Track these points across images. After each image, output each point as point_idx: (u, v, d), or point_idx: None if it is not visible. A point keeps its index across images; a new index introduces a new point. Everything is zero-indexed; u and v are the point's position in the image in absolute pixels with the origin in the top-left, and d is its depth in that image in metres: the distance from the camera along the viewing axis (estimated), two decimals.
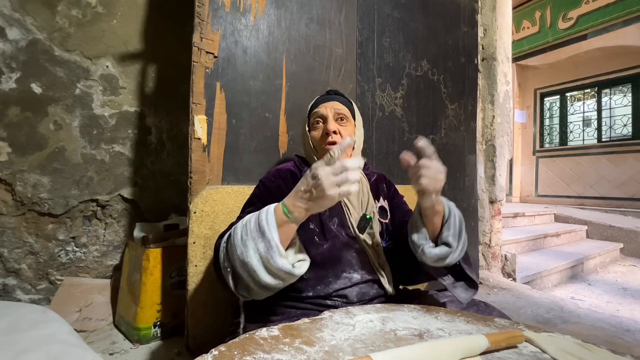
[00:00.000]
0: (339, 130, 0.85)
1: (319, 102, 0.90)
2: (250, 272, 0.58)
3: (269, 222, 0.59)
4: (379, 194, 0.94)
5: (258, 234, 0.58)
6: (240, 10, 1.22)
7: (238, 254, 0.58)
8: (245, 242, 0.59)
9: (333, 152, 0.58)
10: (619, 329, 1.53)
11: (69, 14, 1.52)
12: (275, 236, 0.58)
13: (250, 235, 0.59)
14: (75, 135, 1.53)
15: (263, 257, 0.57)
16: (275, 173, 0.88)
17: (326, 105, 0.88)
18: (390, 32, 1.65)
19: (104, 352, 1.20)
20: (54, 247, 1.50)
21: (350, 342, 0.51)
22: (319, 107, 0.88)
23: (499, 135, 2.33)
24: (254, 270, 0.57)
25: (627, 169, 4.58)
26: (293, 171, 0.89)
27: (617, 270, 3.19)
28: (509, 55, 2.42)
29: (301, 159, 0.95)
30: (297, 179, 0.84)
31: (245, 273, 0.58)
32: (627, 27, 4.31)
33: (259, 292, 0.61)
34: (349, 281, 0.77)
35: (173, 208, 1.75)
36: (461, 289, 0.76)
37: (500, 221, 2.35)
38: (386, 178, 1.01)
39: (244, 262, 0.58)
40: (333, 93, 0.93)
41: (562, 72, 5.35)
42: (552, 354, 0.49)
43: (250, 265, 0.57)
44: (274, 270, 0.57)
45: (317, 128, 0.88)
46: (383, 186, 0.97)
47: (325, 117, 0.86)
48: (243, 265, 0.58)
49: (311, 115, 0.90)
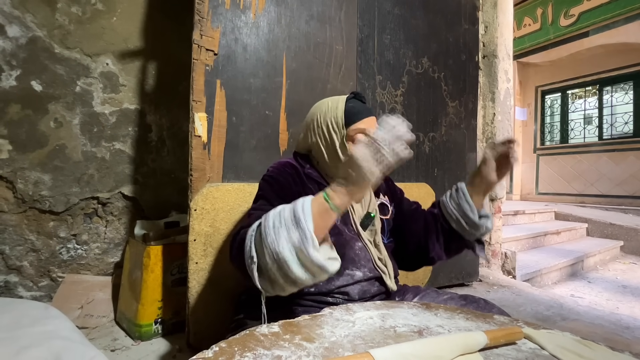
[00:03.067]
0: None
1: (363, 115, 0.81)
2: (281, 263, 0.55)
3: (304, 210, 0.56)
4: (379, 190, 0.94)
5: (292, 223, 0.55)
6: (240, 8, 1.22)
7: (269, 242, 0.55)
8: (277, 230, 0.56)
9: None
10: (619, 327, 1.54)
11: (68, 11, 1.51)
12: (311, 226, 0.55)
13: (284, 224, 0.56)
14: (75, 132, 1.53)
15: (296, 247, 0.54)
16: (277, 165, 0.85)
17: (370, 123, 0.80)
18: (390, 29, 1.65)
19: (106, 348, 1.21)
20: (55, 245, 1.50)
21: (350, 338, 0.52)
22: (364, 123, 0.80)
23: (500, 132, 2.32)
24: (286, 261, 0.54)
25: (627, 167, 4.57)
26: (294, 165, 0.85)
27: (617, 268, 3.19)
28: (510, 52, 2.41)
29: (301, 156, 0.90)
30: (300, 174, 0.83)
31: (275, 264, 0.55)
32: (629, 24, 4.29)
33: (283, 287, 0.58)
34: (351, 278, 0.77)
35: (173, 205, 1.75)
36: (482, 251, 0.89)
37: (500, 219, 2.36)
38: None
39: (274, 252, 0.55)
40: (362, 98, 0.85)
41: (563, 70, 5.33)
42: (551, 351, 0.49)
43: (282, 255, 0.54)
44: (307, 263, 0.54)
45: None
46: (382, 182, 0.97)
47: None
48: (273, 255, 0.55)
49: (352, 128, 0.79)
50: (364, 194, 0.60)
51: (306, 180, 0.83)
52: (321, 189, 0.82)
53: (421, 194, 1.65)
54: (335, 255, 0.60)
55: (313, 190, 0.82)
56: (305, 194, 0.81)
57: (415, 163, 1.74)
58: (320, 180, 0.84)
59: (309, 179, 0.84)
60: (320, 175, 0.86)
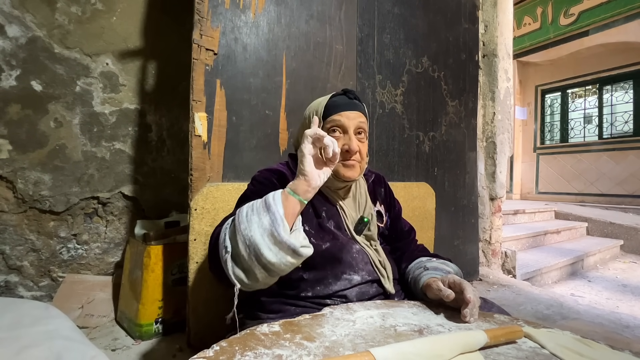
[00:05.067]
0: (360, 148, 0.77)
1: (339, 108, 0.78)
2: (252, 246, 0.57)
3: (275, 198, 0.60)
4: (376, 197, 0.93)
5: (264, 209, 0.59)
6: (240, 7, 1.22)
7: (242, 229, 0.58)
8: (249, 217, 0.59)
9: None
10: (619, 325, 1.54)
11: (68, 11, 1.51)
12: (281, 210, 0.58)
13: (255, 212, 0.59)
14: (75, 132, 1.53)
15: (267, 230, 0.57)
16: (266, 171, 0.85)
17: (349, 116, 0.77)
18: (390, 28, 1.65)
19: (106, 348, 1.21)
20: (56, 245, 1.51)
21: (351, 337, 0.52)
22: (341, 116, 0.77)
23: (500, 132, 2.32)
24: (257, 244, 0.56)
25: (628, 166, 4.57)
26: (283, 172, 0.84)
27: (617, 267, 3.20)
28: (509, 51, 2.41)
29: (294, 159, 0.86)
30: (288, 181, 0.80)
31: (246, 249, 0.57)
32: (629, 23, 4.29)
33: (257, 275, 0.58)
34: (349, 282, 0.76)
35: (174, 205, 1.75)
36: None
37: (500, 218, 2.36)
38: (385, 182, 0.99)
39: (246, 237, 0.57)
40: (353, 97, 0.81)
41: (563, 69, 5.33)
42: (551, 350, 0.49)
43: (254, 239, 0.57)
44: (278, 245, 0.56)
45: (334, 138, 0.75)
46: (381, 190, 0.96)
47: (347, 130, 0.77)
48: (245, 241, 0.57)
49: (328, 120, 0.78)
50: (318, 182, 0.63)
51: None
52: None
53: (421, 193, 1.65)
54: (307, 243, 0.61)
55: None
56: None
57: (415, 162, 1.74)
58: None
59: None
60: None
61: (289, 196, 0.61)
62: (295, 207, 0.61)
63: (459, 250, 1.98)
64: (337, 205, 0.84)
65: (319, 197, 0.83)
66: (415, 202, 1.61)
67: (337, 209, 0.83)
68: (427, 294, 0.70)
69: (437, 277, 0.70)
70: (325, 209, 0.82)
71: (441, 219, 1.79)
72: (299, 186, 0.62)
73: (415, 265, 0.83)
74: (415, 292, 0.78)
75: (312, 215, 0.81)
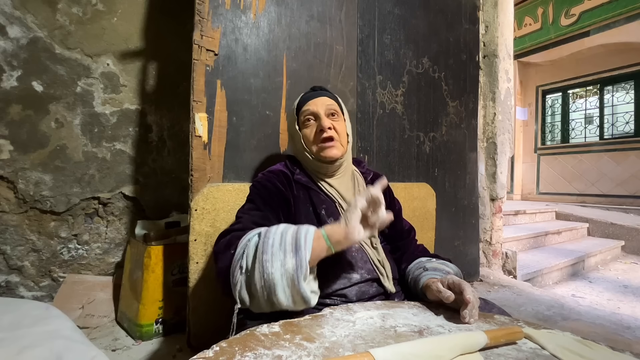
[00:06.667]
0: (333, 126, 0.84)
1: (307, 99, 0.88)
2: (269, 283, 0.56)
3: (307, 240, 0.58)
4: None
5: (292, 248, 0.57)
6: (240, 8, 1.22)
7: (263, 260, 0.57)
8: (275, 252, 0.57)
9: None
10: (620, 326, 1.53)
11: (69, 12, 1.51)
12: (308, 255, 0.57)
13: (282, 247, 0.57)
14: (76, 133, 1.54)
15: (289, 274, 0.56)
16: (267, 173, 0.87)
17: (316, 102, 0.86)
18: (391, 29, 1.65)
19: (107, 348, 1.21)
20: (56, 245, 1.51)
21: (351, 338, 0.52)
22: (309, 105, 0.86)
23: (500, 132, 2.32)
24: (274, 284, 0.55)
25: (629, 167, 4.56)
26: (285, 172, 0.87)
27: (618, 267, 3.19)
28: (510, 52, 2.41)
29: (292, 160, 0.93)
30: (290, 180, 0.85)
31: (262, 282, 0.56)
32: (630, 23, 4.28)
33: (261, 305, 0.59)
34: (349, 281, 0.77)
35: (174, 206, 1.75)
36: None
37: (501, 219, 2.35)
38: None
39: (265, 271, 0.56)
40: (318, 89, 0.91)
41: (564, 69, 5.32)
42: (551, 351, 0.49)
43: (272, 277, 0.55)
44: (294, 291, 0.56)
45: (309, 126, 0.86)
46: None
47: (317, 114, 0.85)
48: (263, 274, 0.56)
49: (301, 113, 0.88)
50: (355, 237, 0.62)
51: (295, 186, 0.85)
52: (310, 194, 0.84)
53: (421, 193, 1.64)
54: (316, 289, 0.62)
55: (302, 196, 0.84)
56: (294, 200, 0.82)
57: (415, 163, 1.74)
58: (310, 185, 0.86)
59: (298, 185, 0.86)
60: (310, 180, 0.87)
61: (321, 239, 0.60)
62: (322, 252, 0.61)
63: (459, 250, 1.98)
64: (337, 202, 0.84)
65: (318, 193, 0.84)
66: (416, 203, 1.61)
67: (336, 206, 0.84)
68: (426, 294, 0.70)
69: (436, 278, 0.70)
70: (325, 207, 0.83)
71: (442, 220, 1.78)
72: (335, 233, 0.61)
73: (415, 266, 0.83)
74: (415, 293, 0.78)
75: (311, 213, 0.82)
